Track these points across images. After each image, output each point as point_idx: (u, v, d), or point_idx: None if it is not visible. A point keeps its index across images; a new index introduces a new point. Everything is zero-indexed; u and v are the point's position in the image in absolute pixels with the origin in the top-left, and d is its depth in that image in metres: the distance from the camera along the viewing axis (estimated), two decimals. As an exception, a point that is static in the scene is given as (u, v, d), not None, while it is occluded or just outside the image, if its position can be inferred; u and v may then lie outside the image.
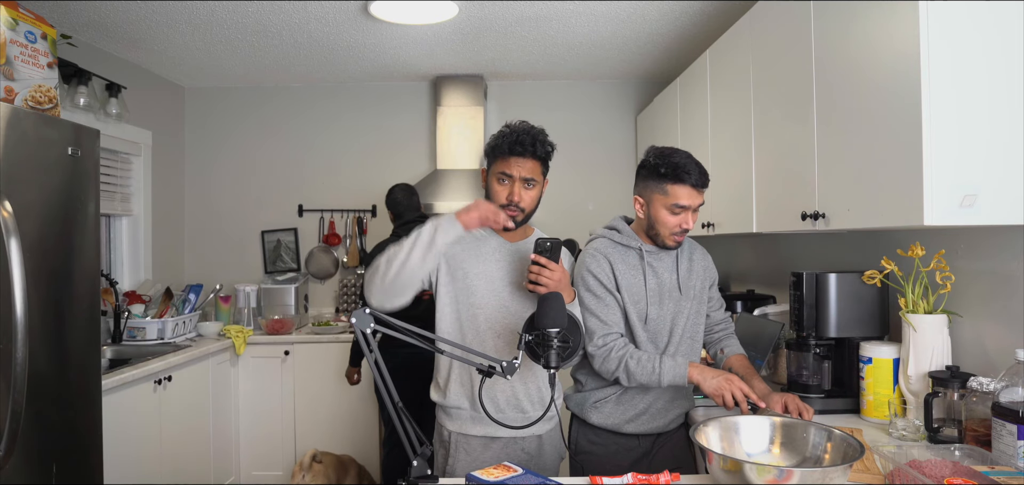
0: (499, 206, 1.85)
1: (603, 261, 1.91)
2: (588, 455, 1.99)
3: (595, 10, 3.17)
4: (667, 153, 1.87)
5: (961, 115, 1.52)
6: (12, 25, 2.21)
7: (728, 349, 2.08)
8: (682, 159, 1.84)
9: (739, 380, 1.79)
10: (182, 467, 3.34)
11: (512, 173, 1.84)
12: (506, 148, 1.84)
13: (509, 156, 1.84)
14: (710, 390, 1.79)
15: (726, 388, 1.77)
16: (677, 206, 1.85)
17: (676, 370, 1.82)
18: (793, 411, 1.79)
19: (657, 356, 1.84)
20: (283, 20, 3.29)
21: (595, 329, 1.88)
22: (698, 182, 1.84)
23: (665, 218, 1.87)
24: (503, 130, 1.87)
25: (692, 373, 1.81)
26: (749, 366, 2.00)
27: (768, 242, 3.26)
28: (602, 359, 1.88)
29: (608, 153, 4.57)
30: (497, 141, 1.87)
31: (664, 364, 1.82)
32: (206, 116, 4.62)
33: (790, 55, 2.18)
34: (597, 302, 1.90)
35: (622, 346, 1.87)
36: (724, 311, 2.15)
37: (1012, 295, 1.74)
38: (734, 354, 2.06)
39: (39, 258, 2.08)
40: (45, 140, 2.14)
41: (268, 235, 4.59)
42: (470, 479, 1.50)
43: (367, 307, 1.46)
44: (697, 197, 1.86)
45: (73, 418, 2.25)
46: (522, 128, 1.86)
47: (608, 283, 1.90)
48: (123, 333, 3.51)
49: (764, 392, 1.87)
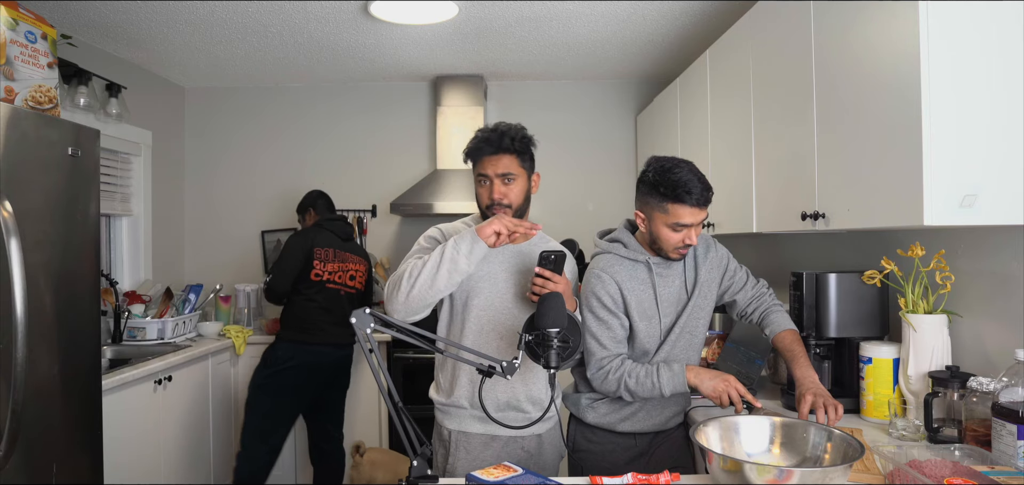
0: (484, 207, 1.86)
1: (610, 283, 1.88)
2: (585, 453, 2.00)
3: (595, 10, 3.17)
4: (667, 169, 1.80)
5: (961, 115, 1.52)
6: (12, 25, 2.21)
7: (770, 328, 1.99)
8: (683, 176, 1.77)
9: (735, 380, 1.78)
10: (182, 467, 3.34)
11: (487, 173, 1.85)
12: (477, 150, 1.87)
13: (481, 157, 1.86)
14: (707, 391, 1.79)
15: (723, 389, 1.76)
16: (679, 225, 1.80)
17: (674, 379, 1.81)
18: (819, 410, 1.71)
19: (654, 369, 1.83)
20: (283, 20, 3.29)
21: (594, 351, 1.88)
22: (700, 200, 1.78)
23: (667, 235, 1.83)
24: (476, 133, 1.89)
25: (689, 377, 1.80)
26: (790, 347, 1.91)
27: (768, 242, 3.26)
28: (601, 382, 1.89)
29: (608, 153, 4.57)
30: (469, 147, 1.89)
31: (662, 377, 1.82)
32: (206, 116, 4.62)
33: (790, 55, 2.18)
34: (599, 324, 1.88)
35: (618, 367, 1.86)
36: (753, 285, 2.06)
37: (1012, 295, 1.74)
38: (777, 332, 1.97)
39: (39, 258, 2.08)
40: (45, 140, 2.14)
41: (268, 235, 4.59)
42: (470, 479, 1.50)
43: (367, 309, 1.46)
44: (699, 214, 1.81)
45: (73, 418, 2.25)
46: (491, 127, 1.87)
47: (613, 306, 1.88)
48: (123, 333, 3.51)
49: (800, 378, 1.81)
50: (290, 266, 3.48)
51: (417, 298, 1.70)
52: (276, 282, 3.48)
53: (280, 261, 3.51)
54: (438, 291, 1.70)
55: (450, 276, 1.69)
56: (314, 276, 3.48)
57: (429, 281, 1.69)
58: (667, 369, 1.82)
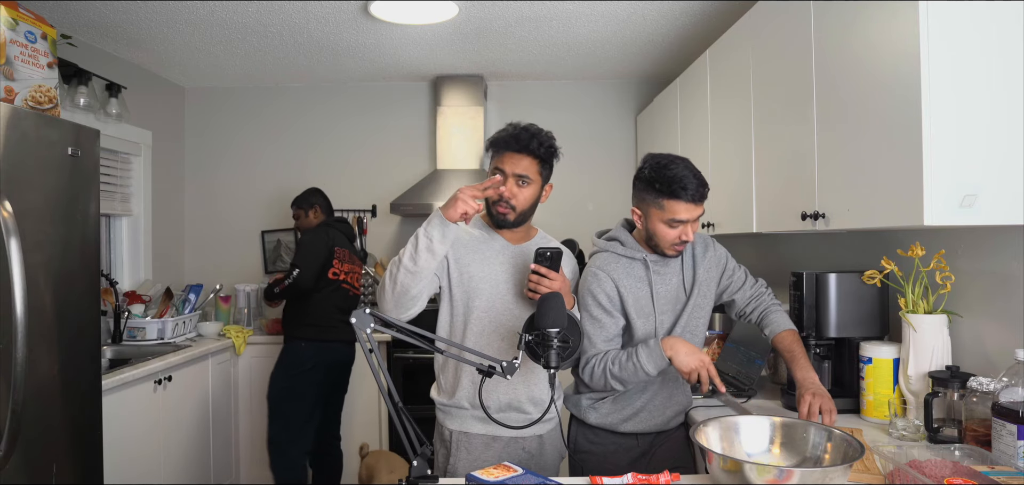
0: (492, 201, 1.86)
1: (606, 281, 1.88)
2: (587, 455, 1.99)
3: (595, 10, 3.17)
4: (663, 165, 1.80)
5: (961, 115, 1.52)
6: (12, 25, 2.21)
7: (770, 329, 2.00)
8: (679, 172, 1.78)
9: (709, 361, 1.77)
10: (182, 467, 3.34)
11: (506, 169, 1.85)
12: (502, 143, 1.86)
13: (504, 151, 1.86)
14: (680, 365, 1.77)
15: (695, 367, 1.75)
16: (675, 221, 1.81)
17: (652, 355, 1.79)
18: (814, 412, 1.74)
19: (633, 351, 1.82)
20: (283, 20, 3.29)
21: (585, 350, 1.88)
22: (695, 196, 1.78)
23: (663, 232, 1.84)
24: (506, 126, 1.89)
25: (665, 349, 1.78)
26: (790, 348, 1.92)
27: (768, 242, 3.26)
28: (589, 377, 1.89)
29: (608, 153, 4.57)
30: (495, 136, 1.89)
31: (640, 355, 1.80)
32: (206, 116, 4.62)
33: (790, 55, 2.18)
34: (592, 323, 1.89)
35: (601, 359, 1.86)
36: (752, 284, 2.06)
37: (1012, 295, 1.74)
38: (777, 333, 1.97)
39: (39, 258, 2.08)
40: (45, 140, 2.14)
41: (268, 235, 4.59)
42: (470, 479, 1.50)
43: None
44: (695, 210, 1.81)
45: (73, 418, 2.25)
46: (522, 125, 1.87)
47: (609, 305, 1.88)
48: (123, 333, 3.51)
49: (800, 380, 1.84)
50: (317, 262, 3.49)
51: (402, 290, 1.75)
52: (303, 278, 3.44)
53: (305, 257, 3.48)
54: (421, 277, 1.75)
55: (428, 261, 1.74)
56: (332, 274, 3.52)
57: (409, 268, 1.73)
58: (644, 347, 1.81)
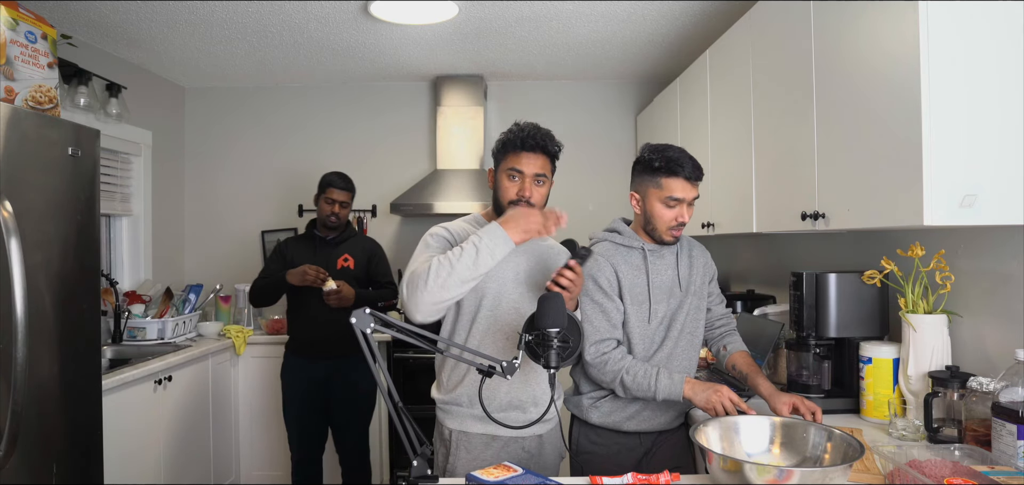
0: (507, 201, 1.85)
1: (606, 266, 1.93)
2: (590, 455, 2.00)
3: (595, 10, 3.17)
4: (661, 148, 1.91)
5: (961, 115, 1.52)
6: (12, 25, 2.21)
7: (731, 346, 2.09)
8: (675, 153, 1.88)
9: (727, 390, 1.78)
10: (182, 467, 3.34)
11: (523, 169, 1.85)
12: (518, 143, 1.85)
13: (521, 151, 1.85)
14: (701, 404, 1.81)
15: (715, 401, 1.77)
16: (672, 199, 1.88)
17: (672, 387, 1.82)
18: (806, 414, 1.76)
19: (653, 373, 1.84)
20: (283, 20, 3.29)
21: (590, 335, 1.90)
22: (692, 175, 1.87)
23: (661, 212, 1.90)
24: (513, 127, 1.88)
25: (686, 390, 1.82)
26: (752, 363, 2.01)
27: (768, 242, 3.26)
28: (599, 368, 1.90)
29: (608, 153, 4.57)
30: (508, 137, 1.88)
31: (660, 381, 1.83)
32: (206, 116, 4.62)
33: (790, 55, 2.18)
34: (595, 308, 1.91)
35: (619, 359, 1.88)
36: (724, 307, 2.16)
37: (1012, 295, 1.74)
38: (736, 351, 2.07)
39: (39, 258, 2.08)
40: (45, 140, 2.14)
41: (268, 235, 4.59)
42: (470, 479, 1.50)
43: (369, 315, 1.46)
44: (691, 190, 1.89)
45: (73, 418, 2.25)
46: (533, 126, 1.88)
47: (610, 289, 1.92)
48: (123, 333, 3.51)
49: (769, 391, 1.86)
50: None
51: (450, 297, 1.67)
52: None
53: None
54: (467, 286, 1.69)
55: (476, 272, 1.68)
56: None
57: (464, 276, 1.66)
58: (667, 376, 1.84)
